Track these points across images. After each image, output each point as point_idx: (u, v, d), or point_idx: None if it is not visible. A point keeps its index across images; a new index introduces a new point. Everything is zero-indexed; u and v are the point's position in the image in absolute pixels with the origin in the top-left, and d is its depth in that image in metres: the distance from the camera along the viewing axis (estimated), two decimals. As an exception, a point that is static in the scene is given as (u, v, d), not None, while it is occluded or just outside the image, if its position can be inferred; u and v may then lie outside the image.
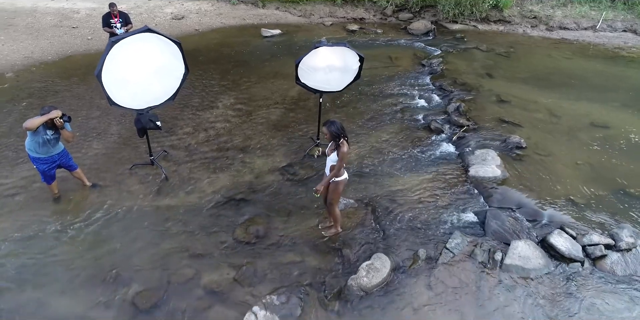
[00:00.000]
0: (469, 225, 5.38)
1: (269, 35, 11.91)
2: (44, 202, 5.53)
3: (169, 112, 7.71)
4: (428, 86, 9.06)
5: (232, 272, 4.63)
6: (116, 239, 5.03)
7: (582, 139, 7.08)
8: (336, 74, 5.61)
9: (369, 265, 4.60)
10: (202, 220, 5.36)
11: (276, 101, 8.32)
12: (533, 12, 12.41)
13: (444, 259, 4.81)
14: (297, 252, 4.92)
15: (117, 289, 4.41)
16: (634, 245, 4.92)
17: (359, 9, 13.60)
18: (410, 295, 4.44)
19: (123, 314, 4.18)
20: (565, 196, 5.75)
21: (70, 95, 8.21)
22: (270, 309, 4.13)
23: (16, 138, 6.66)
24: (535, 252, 4.83)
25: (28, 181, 5.86)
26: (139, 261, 4.75)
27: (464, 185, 6.05)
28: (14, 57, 9.81)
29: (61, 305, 4.26)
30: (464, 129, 7.21)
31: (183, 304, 4.28)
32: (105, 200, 5.60)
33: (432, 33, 12.27)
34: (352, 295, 4.37)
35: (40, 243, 4.92)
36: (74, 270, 4.61)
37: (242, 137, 7.12)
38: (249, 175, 6.22)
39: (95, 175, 6.01)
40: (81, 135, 6.87)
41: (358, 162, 6.53)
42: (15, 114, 7.45)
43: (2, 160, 6.28)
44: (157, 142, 6.76)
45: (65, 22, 11.95)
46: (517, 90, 8.72)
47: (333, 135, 4.44)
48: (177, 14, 12.90)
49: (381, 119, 7.74)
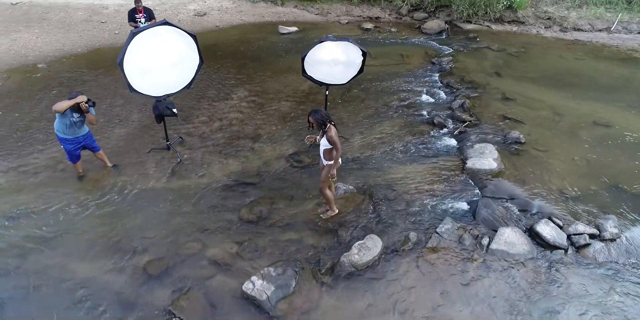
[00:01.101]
0: (461, 213, 5.66)
1: (285, 32, 12.33)
2: (69, 180, 6.06)
3: (186, 102, 8.20)
4: (436, 83, 9.32)
5: (235, 246, 5.04)
6: (132, 214, 5.50)
7: (582, 136, 7.24)
8: (340, 68, 5.96)
9: (361, 244, 4.94)
10: (211, 200, 5.78)
11: (288, 94, 8.72)
12: (547, 13, 12.48)
13: (433, 242, 5.11)
14: (296, 231, 5.30)
15: (130, 257, 4.86)
16: (617, 235, 5.13)
17: (375, 8, 13.90)
18: (398, 273, 4.76)
19: (135, 278, 4.63)
20: (558, 189, 5.97)
21: (96, 85, 8.78)
22: (267, 279, 4.51)
23: (47, 122, 7.23)
24: (520, 238, 5.09)
25: (56, 161, 6.41)
26: (151, 234, 5.20)
27: (460, 177, 6.31)
28: (47, 49, 10.49)
29: (81, 269, 4.74)
30: (466, 124, 7.46)
31: (189, 272, 4.70)
32: (124, 179, 6.09)
33: (445, 32, 12.48)
34: (343, 271, 4.71)
35: (65, 215, 5.43)
36: (93, 240, 5.09)
37: (253, 127, 7.54)
38: (257, 161, 6.63)
39: (116, 157, 6.51)
40: (105, 121, 7.40)
41: (361, 152, 6.86)
42: (46, 101, 8.05)
43: (33, 142, 6.86)
44: (173, 129, 7.23)
45: (95, 17, 12.63)
46: (524, 89, 8.89)
47: (318, 122, 4.75)
48: (199, 10, 13.45)
49: (387, 113, 8.06)
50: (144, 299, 4.41)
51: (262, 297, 4.33)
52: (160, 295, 4.45)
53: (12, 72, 9.26)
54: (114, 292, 4.47)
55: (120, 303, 4.36)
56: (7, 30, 11.21)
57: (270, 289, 4.41)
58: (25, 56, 10.02)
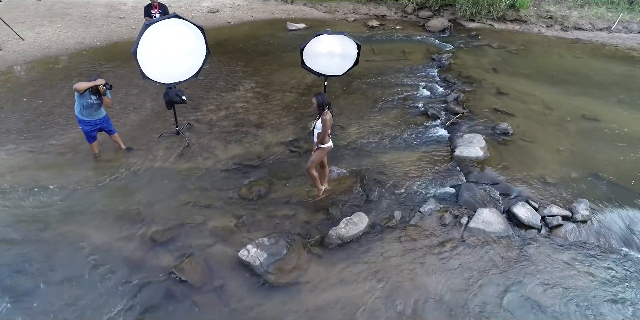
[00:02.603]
0: (445, 196, 6.06)
1: (294, 28, 12.83)
2: (86, 160, 6.61)
3: (196, 92, 8.74)
4: (434, 78, 9.71)
5: (234, 220, 5.52)
6: (142, 191, 6.03)
7: (569, 129, 7.58)
8: (337, 60, 6.41)
9: (349, 219, 5.39)
10: (214, 180, 6.28)
11: (292, 86, 9.21)
12: (549, 12, 12.74)
13: (415, 220, 5.54)
14: (291, 209, 5.76)
15: (139, 227, 5.37)
16: (588, 217, 5.50)
17: (381, 6, 14.32)
18: (381, 246, 5.20)
19: (143, 245, 5.14)
20: (539, 176, 6.33)
21: (113, 75, 9.38)
22: (261, 248, 4.98)
23: (67, 108, 7.82)
24: (497, 218, 5.49)
25: (75, 143, 6.98)
26: (159, 208, 5.72)
27: (448, 164, 6.71)
28: (68, 42, 11.15)
29: (96, 236, 5.26)
30: (459, 115, 7.84)
31: (191, 241, 5.19)
32: (136, 160, 6.62)
33: (448, 30, 12.84)
34: (331, 242, 5.16)
35: (82, 191, 5.97)
36: (106, 212, 5.61)
37: (257, 116, 8.04)
38: (259, 146, 7.11)
39: (130, 140, 7.05)
40: (121, 108, 7.98)
41: (356, 139, 7.30)
42: (66, 90, 8.65)
43: (54, 126, 7.45)
44: (183, 116, 7.76)
45: (114, 13, 13.30)
46: (518, 84, 9.23)
47: (319, 103, 5.20)
48: (212, 7, 14.02)
49: (384, 105, 8.48)
50: (149, 263, 4.91)
51: (256, 263, 4.81)
52: (164, 259, 4.94)
53: (36, 63, 9.93)
54: (123, 256, 4.98)
55: (128, 265, 4.87)
56: (32, 25, 11.92)
57: (263, 256, 4.89)
58: (48, 48, 10.69)
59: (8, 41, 10.65)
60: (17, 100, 8.26)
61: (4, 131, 7.18)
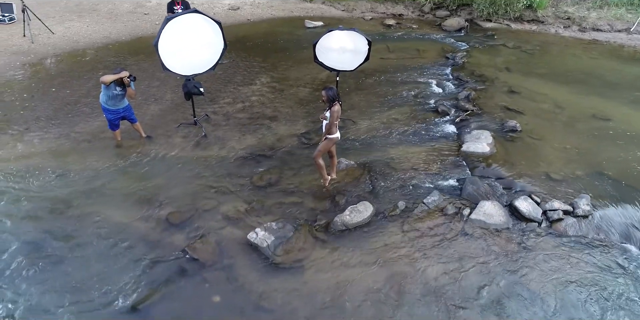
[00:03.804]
0: (449, 188, 6.24)
1: (311, 26, 13.09)
2: (108, 146, 7.00)
3: (214, 86, 9.09)
4: (447, 76, 9.85)
5: (245, 205, 5.82)
6: (159, 176, 6.37)
7: (579, 128, 7.64)
8: (348, 55, 6.65)
9: (354, 207, 5.63)
10: (228, 168, 6.59)
11: (306, 82, 9.48)
12: (567, 13, 12.70)
13: (419, 210, 5.74)
14: (299, 196, 6.03)
15: (156, 209, 5.70)
16: (589, 212, 5.61)
17: (399, 5, 14.48)
18: (384, 234, 5.42)
19: (159, 225, 5.47)
20: (544, 172, 6.45)
21: (137, 69, 9.79)
22: (269, 231, 5.26)
23: (92, 98, 8.24)
24: (499, 211, 5.64)
25: (99, 130, 7.37)
26: (174, 192, 6.04)
27: (454, 158, 6.88)
28: (96, 36, 11.66)
29: (115, 216, 5.61)
30: (468, 112, 7.98)
31: (204, 223, 5.50)
32: (155, 148, 6.98)
33: (464, 30, 12.92)
34: (336, 229, 5.41)
35: (104, 175, 6.34)
36: (126, 195, 5.97)
37: (272, 109, 8.33)
38: (272, 138, 7.40)
39: (150, 129, 7.42)
40: (142, 99, 8.37)
41: (366, 133, 7.52)
42: (93, 81, 9.09)
43: (81, 114, 7.88)
44: (201, 108, 8.10)
45: (139, 9, 13.80)
46: (530, 83, 9.30)
47: (329, 97, 5.45)
48: (233, 5, 14.40)
49: (395, 101, 8.68)
50: (164, 241, 5.23)
51: (263, 245, 5.09)
52: (178, 239, 5.27)
53: (65, 56, 10.44)
54: (140, 235, 5.32)
55: (145, 243, 5.20)
56: (62, 19, 12.48)
57: (270, 238, 5.16)
58: (76, 42, 11.20)
59: (39, 35, 11.19)
60: (46, 90, 8.74)
61: (34, 118, 7.64)
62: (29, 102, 8.19)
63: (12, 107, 7.99)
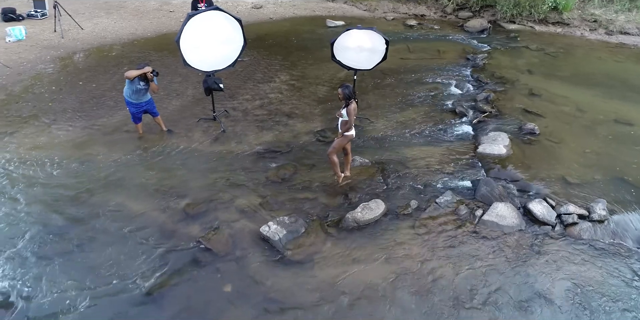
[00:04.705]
0: (463, 189, 6.22)
1: (333, 25, 13.16)
2: (130, 138, 7.22)
3: (234, 83, 9.26)
4: (466, 77, 9.78)
5: (259, 199, 5.93)
6: (178, 169, 6.55)
7: (599, 132, 7.51)
8: (365, 54, 6.70)
9: (366, 205, 5.68)
10: (244, 162, 6.73)
11: (325, 80, 9.57)
12: (594, 15, 12.42)
13: (431, 209, 5.75)
14: (312, 192, 6.11)
15: (173, 200, 5.87)
16: (605, 217, 5.52)
17: (421, 6, 14.43)
18: (395, 232, 5.46)
19: (175, 215, 5.63)
20: (561, 176, 6.37)
21: (160, 64, 10.05)
22: (281, 225, 5.36)
23: (117, 92, 8.50)
24: (512, 213, 5.61)
25: (122, 123, 7.61)
26: (192, 185, 6.20)
27: (470, 160, 6.85)
28: (122, 32, 12.00)
29: (133, 206, 5.79)
30: (486, 114, 7.93)
31: (219, 215, 5.64)
32: (175, 141, 7.17)
33: (486, 31, 12.78)
34: (347, 225, 5.47)
35: (125, 166, 6.55)
36: (145, 185, 6.16)
37: (290, 106, 8.45)
38: (288, 134, 7.51)
39: (171, 123, 7.62)
40: (165, 94, 8.59)
41: (382, 132, 7.56)
42: (118, 76, 9.38)
43: (105, 107, 8.15)
44: (221, 104, 8.27)
45: (165, 7, 14.13)
46: (552, 86, 9.17)
47: (345, 95, 5.52)
48: (256, 3, 14.59)
49: (413, 101, 8.68)
50: (180, 231, 5.38)
51: (275, 238, 5.19)
52: (193, 230, 5.41)
53: (93, 51, 10.79)
54: (157, 224, 5.48)
55: (161, 232, 5.36)
56: (91, 16, 12.89)
57: (282, 232, 5.26)
58: (104, 38, 11.56)
59: (69, 30, 11.59)
60: (74, 83, 9.06)
61: (61, 110, 7.95)
62: (57, 95, 8.52)
63: (41, 99, 8.32)
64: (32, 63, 9.86)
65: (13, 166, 6.36)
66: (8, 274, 4.67)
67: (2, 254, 4.91)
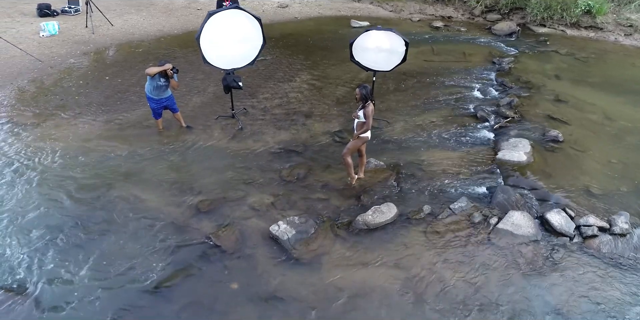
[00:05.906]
0: (479, 196, 6.08)
1: (357, 26, 13.09)
2: (151, 133, 7.36)
3: (255, 81, 9.32)
4: (491, 81, 9.56)
5: (272, 198, 5.95)
6: (194, 165, 6.64)
7: (628, 141, 7.22)
8: (384, 55, 6.63)
9: (377, 208, 5.62)
10: (259, 161, 6.76)
11: (345, 81, 9.52)
12: (630, 20, 11.92)
13: (444, 215, 5.65)
14: (325, 193, 6.09)
15: (188, 196, 5.95)
16: (627, 231, 5.30)
17: (449, 7, 14.18)
18: (405, 236, 5.38)
19: (188, 211, 5.71)
20: (583, 186, 6.16)
21: (184, 61, 10.22)
22: (291, 225, 5.36)
23: (140, 88, 8.66)
24: (528, 222, 5.45)
25: (143, 118, 7.77)
26: (206, 181, 6.27)
27: (489, 166, 6.70)
28: (150, 29, 12.26)
29: (149, 200, 5.90)
30: (508, 119, 7.73)
31: (230, 212, 5.68)
32: (193, 137, 7.27)
33: (515, 34, 12.44)
34: (357, 228, 5.43)
35: (144, 160, 6.68)
36: (161, 180, 6.26)
37: (309, 106, 8.45)
38: (306, 134, 7.50)
39: (191, 119, 7.73)
40: (186, 91, 8.73)
41: (400, 134, 7.46)
42: (142, 72, 9.43)
43: (128, 103, 8.34)
44: (240, 102, 8.34)
45: (193, 5, 14.36)
46: (580, 92, 8.86)
47: (362, 95, 5.47)
48: (282, 3, 14.65)
49: (434, 104, 8.54)
50: (191, 227, 5.45)
51: (284, 238, 5.20)
52: (204, 226, 5.47)
53: (121, 47, 11.07)
54: (170, 219, 5.57)
55: (173, 227, 5.43)
56: (122, 13, 13.22)
57: (292, 232, 5.26)
58: (132, 34, 11.84)
59: (100, 26, 11.91)
60: (101, 78, 9.31)
61: (86, 104, 8.17)
62: (83, 89, 8.77)
63: (68, 93, 8.58)
64: (63, 57, 10.19)
65: (37, 156, 6.58)
66: (25, 262, 4.83)
67: (20, 241, 5.08)
